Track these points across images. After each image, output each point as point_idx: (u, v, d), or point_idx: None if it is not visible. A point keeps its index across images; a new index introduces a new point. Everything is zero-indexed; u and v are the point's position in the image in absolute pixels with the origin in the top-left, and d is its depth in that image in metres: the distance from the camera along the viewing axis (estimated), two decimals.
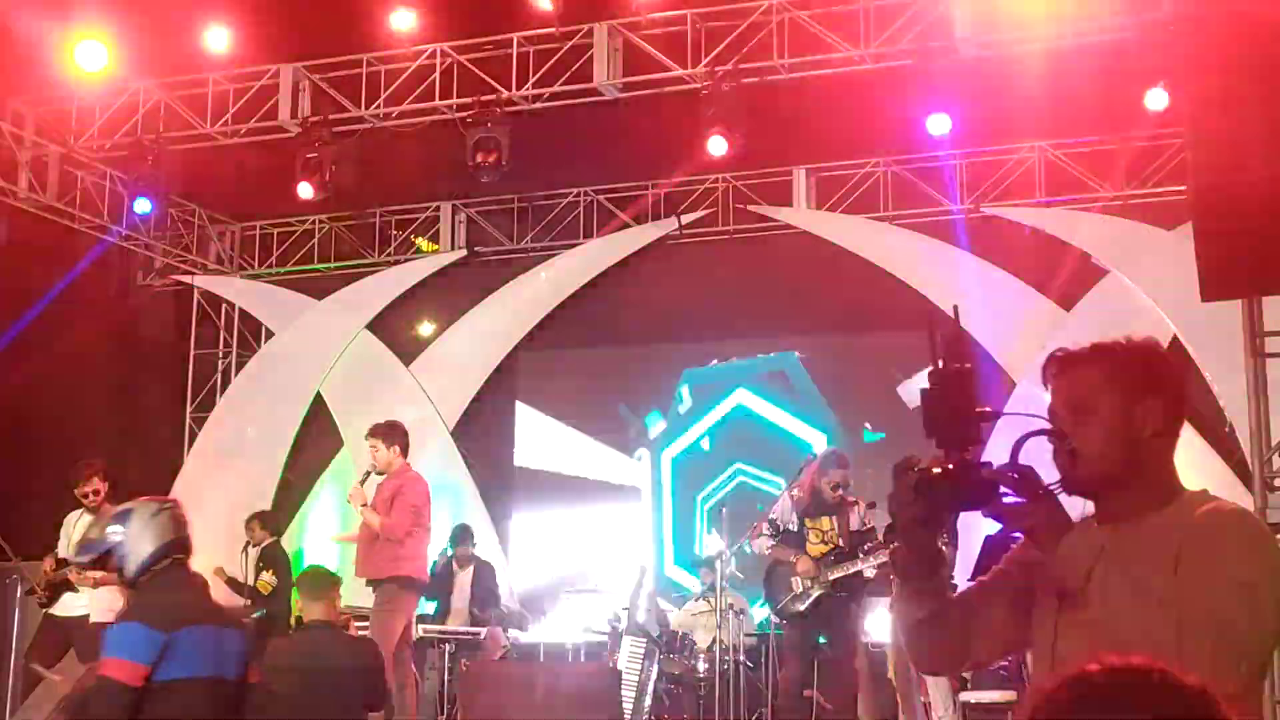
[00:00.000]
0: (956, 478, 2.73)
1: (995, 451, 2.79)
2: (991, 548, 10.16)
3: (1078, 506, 2.88)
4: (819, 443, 13.15)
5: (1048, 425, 2.84)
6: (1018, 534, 2.93)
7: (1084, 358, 2.86)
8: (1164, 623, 2.54)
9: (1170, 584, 2.59)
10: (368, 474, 9.81)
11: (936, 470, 2.74)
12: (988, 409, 2.74)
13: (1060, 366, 2.88)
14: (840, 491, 9.77)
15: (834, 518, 9.75)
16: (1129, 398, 2.78)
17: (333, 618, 7.85)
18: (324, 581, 7.99)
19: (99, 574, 10.28)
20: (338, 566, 10.05)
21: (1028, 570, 2.87)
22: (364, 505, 9.60)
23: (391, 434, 9.77)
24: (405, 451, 9.80)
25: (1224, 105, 7.75)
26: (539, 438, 14.47)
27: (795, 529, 9.78)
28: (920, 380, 2.94)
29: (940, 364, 2.74)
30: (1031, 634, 2.89)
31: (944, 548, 9.79)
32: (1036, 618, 2.86)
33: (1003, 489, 2.76)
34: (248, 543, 12.18)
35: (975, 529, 11.18)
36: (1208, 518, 2.70)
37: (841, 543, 9.68)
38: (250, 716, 5.11)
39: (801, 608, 9.60)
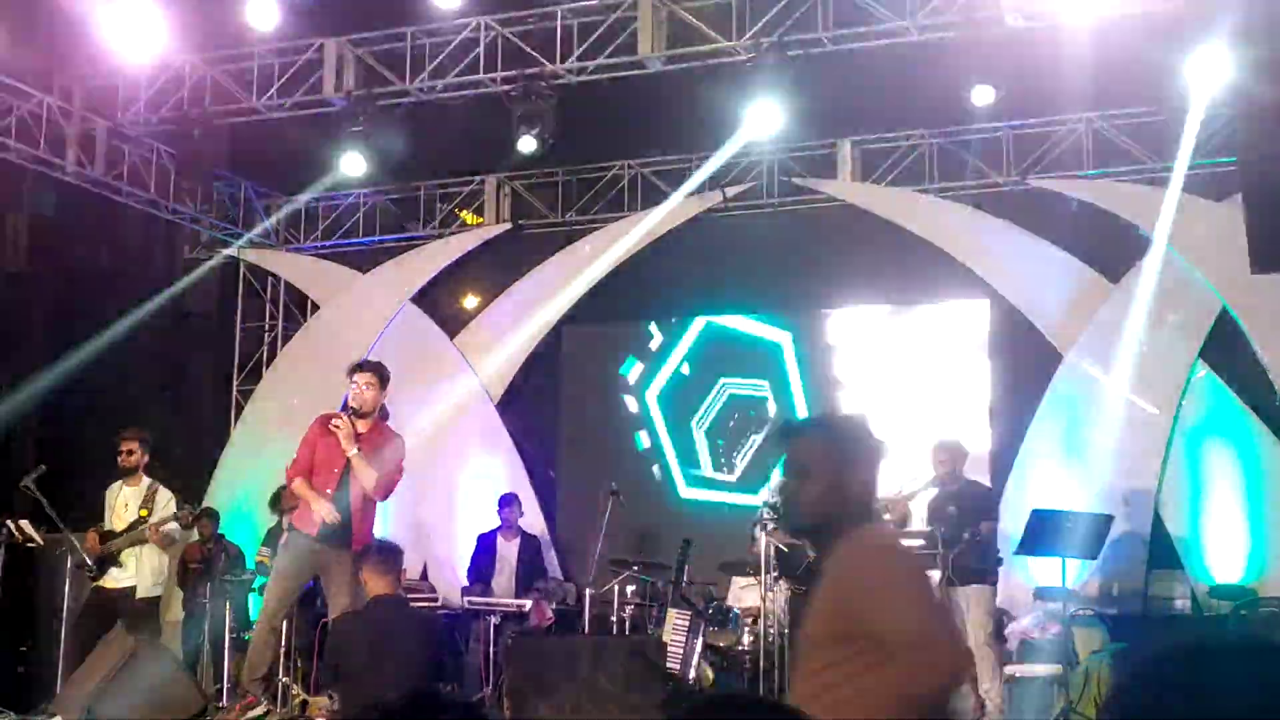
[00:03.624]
0: None
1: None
2: (1040, 520, 10.16)
3: None
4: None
5: None
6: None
7: None
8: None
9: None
10: (355, 412, 8.61)
11: None
12: None
13: None
14: None
15: None
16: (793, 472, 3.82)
17: (398, 591, 7.88)
18: (393, 555, 7.97)
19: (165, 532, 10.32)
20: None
21: None
22: (357, 452, 8.43)
23: (388, 378, 8.81)
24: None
25: (1274, 75, 7.68)
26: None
27: None
28: None
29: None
30: None
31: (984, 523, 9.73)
32: None
33: None
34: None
35: (1018, 506, 11.18)
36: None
37: None
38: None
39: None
